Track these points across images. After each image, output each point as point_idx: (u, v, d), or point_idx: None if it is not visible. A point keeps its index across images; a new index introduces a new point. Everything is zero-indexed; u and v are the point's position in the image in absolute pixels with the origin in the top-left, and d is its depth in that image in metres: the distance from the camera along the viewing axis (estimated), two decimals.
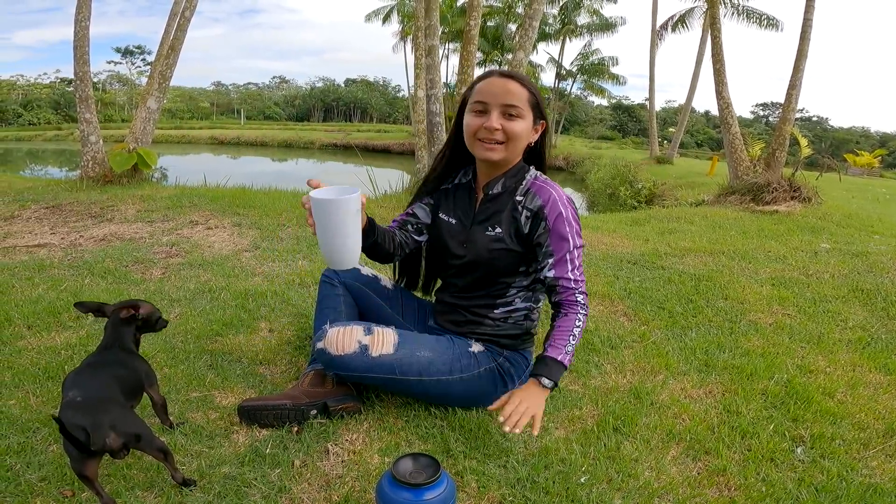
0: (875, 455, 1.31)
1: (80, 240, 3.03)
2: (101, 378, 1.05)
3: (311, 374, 1.43)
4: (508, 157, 1.37)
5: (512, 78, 1.33)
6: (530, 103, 1.33)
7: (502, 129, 1.31)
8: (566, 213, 1.34)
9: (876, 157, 20.54)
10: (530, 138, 1.38)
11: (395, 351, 1.33)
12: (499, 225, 1.39)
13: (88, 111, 5.15)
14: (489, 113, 1.31)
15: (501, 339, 1.45)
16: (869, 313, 2.28)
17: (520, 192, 1.39)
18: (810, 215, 4.34)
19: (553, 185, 1.39)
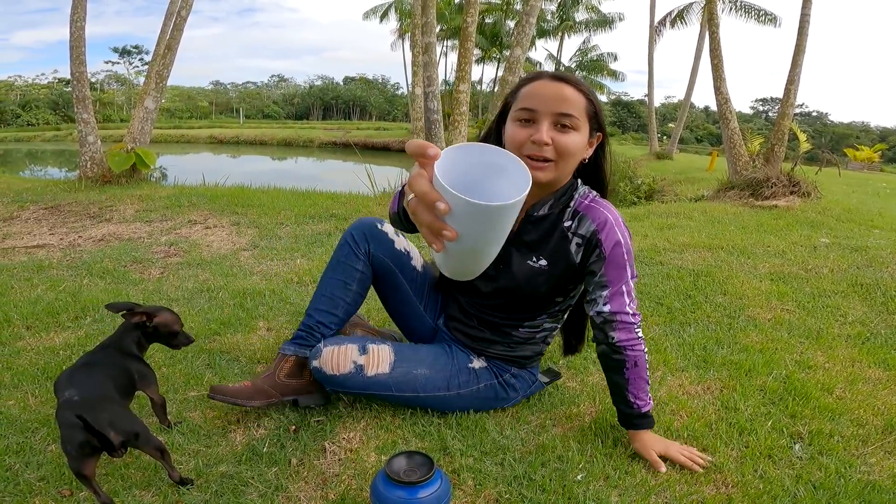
0: (874, 452, 1.30)
1: (78, 240, 3.03)
2: (95, 377, 1.05)
3: (291, 361, 1.38)
4: (559, 178, 1.18)
5: (566, 82, 1.14)
6: (588, 112, 1.15)
7: (553, 144, 1.12)
8: (624, 238, 1.20)
9: (876, 152, 20.53)
10: (585, 154, 1.20)
11: (392, 370, 1.30)
12: (544, 255, 1.25)
13: (86, 111, 5.15)
14: (538, 123, 1.12)
15: (511, 358, 1.39)
16: (868, 308, 2.28)
17: (567, 216, 1.23)
18: (809, 210, 4.34)
19: (606, 205, 1.23)
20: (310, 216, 3.59)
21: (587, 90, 1.16)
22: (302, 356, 1.39)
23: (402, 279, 1.45)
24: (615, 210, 1.24)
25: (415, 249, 1.49)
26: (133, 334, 1.20)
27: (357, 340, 1.34)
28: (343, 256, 1.42)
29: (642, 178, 9.63)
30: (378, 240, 1.42)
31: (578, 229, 1.22)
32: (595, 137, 1.21)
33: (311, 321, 1.41)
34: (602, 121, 1.20)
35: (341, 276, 1.41)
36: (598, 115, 1.18)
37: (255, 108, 57.68)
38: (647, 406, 1.26)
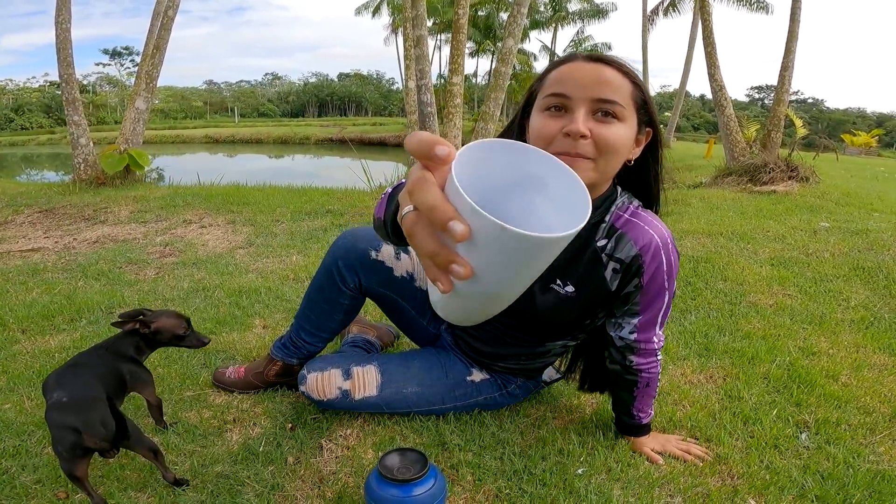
0: (882, 440, 1.28)
1: (73, 243, 3.00)
2: (83, 377, 1.03)
3: (279, 365, 1.41)
4: (599, 181, 0.96)
5: (607, 63, 0.92)
6: (635, 101, 0.92)
7: (592, 137, 0.89)
8: (667, 265, 1.01)
9: (873, 137, 20.48)
10: (631, 153, 0.97)
11: (380, 392, 1.27)
12: (572, 281, 1.06)
13: (76, 113, 5.12)
14: (572, 112, 0.89)
15: (521, 372, 1.32)
16: (871, 292, 2.26)
17: (601, 233, 1.02)
18: (808, 195, 4.31)
19: (651, 221, 1.01)
20: (306, 213, 3.57)
21: (634, 74, 0.94)
22: (289, 363, 1.40)
23: (404, 303, 1.33)
24: (663, 226, 1.02)
25: (419, 267, 1.30)
26: (131, 339, 1.17)
27: (341, 362, 1.30)
28: (326, 287, 1.28)
29: None
30: (371, 270, 1.25)
31: (616, 251, 1.02)
32: (644, 134, 0.98)
33: (298, 338, 1.38)
34: (653, 113, 0.97)
35: (326, 306, 1.31)
36: (648, 106, 0.95)
37: (250, 106, 57.51)
38: (647, 418, 1.22)
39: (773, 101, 6.05)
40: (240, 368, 1.46)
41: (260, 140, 29.52)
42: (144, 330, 1.17)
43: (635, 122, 0.94)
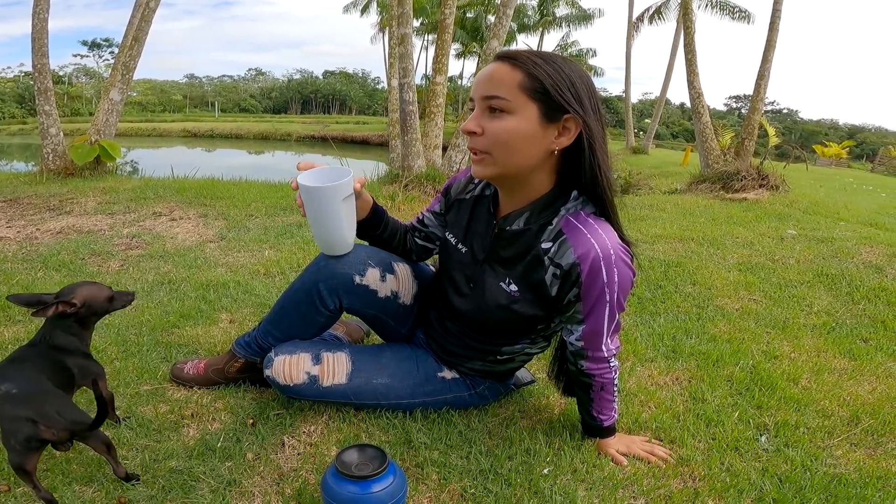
0: (839, 444, 1.30)
1: (36, 233, 2.91)
2: (27, 371, 0.99)
3: (241, 362, 1.37)
4: (507, 173, 0.98)
5: (502, 59, 0.94)
6: (528, 89, 0.92)
7: (483, 133, 0.95)
8: (607, 278, 0.98)
9: (844, 149, 21.09)
10: (548, 144, 0.96)
11: (349, 381, 1.24)
12: (514, 280, 1.08)
13: (48, 103, 4.99)
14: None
15: (491, 375, 1.32)
16: (833, 298, 2.31)
17: (547, 237, 1.02)
18: (778, 203, 4.41)
19: (597, 231, 0.98)
20: (281, 208, 3.52)
21: (531, 63, 0.92)
22: (251, 361, 1.37)
23: (385, 318, 1.30)
24: (611, 236, 0.99)
25: (406, 283, 1.27)
26: (62, 325, 1.10)
27: (311, 347, 1.27)
28: (304, 304, 1.24)
29: (619, 173, 9.73)
30: (355, 295, 1.22)
31: (557, 256, 1.01)
32: (566, 121, 0.95)
33: (265, 341, 1.33)
34: (567, 99, 0.92)
35: (300, 321, 1.27)
36: (556, 93, 0.92)
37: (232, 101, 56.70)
38: (609, 421, 1.23)
39: (748, 109, 6.18)
40: (199, 363, 1.42)
41: (240, 135, 29.09)
42: (71, 309, 1.08)
43: (535, 112, 0.93)
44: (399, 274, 1.27)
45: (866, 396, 1.53)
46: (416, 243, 1.34)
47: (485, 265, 1.12)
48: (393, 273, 1.25)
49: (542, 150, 0.96)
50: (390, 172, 5.28)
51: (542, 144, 0.96)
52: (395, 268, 1.26)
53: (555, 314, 1.12)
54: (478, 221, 1.16)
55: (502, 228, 1.09)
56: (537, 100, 0.92)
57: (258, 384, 1.41)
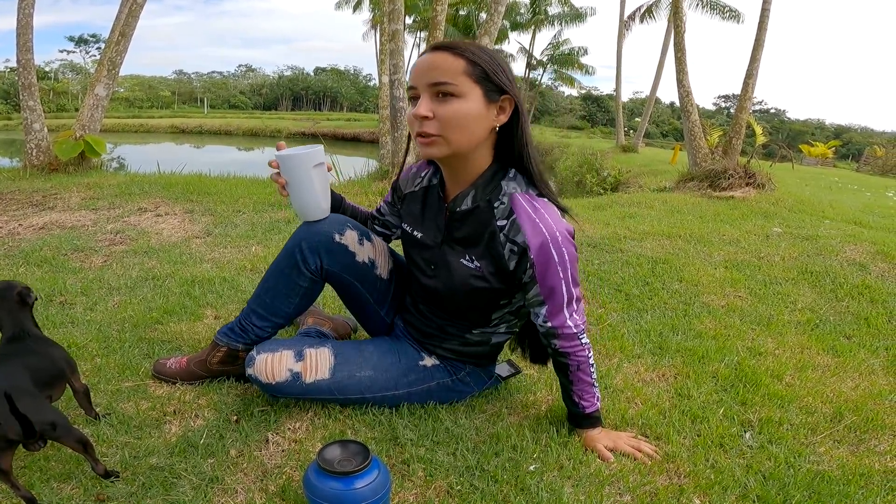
0: (822, 441, 1.31)
1: (18, 228, 2.86)
2: (7, 369, 0.97)
3: (223, 351, 1.36)
4: (458, 153, 1.08)
5: (440, 48, 1.04)
6: (472, 75, 1.02)
7: (434, 116, 1.03)
8: (558, 258, 1.08)
9: (830, 149, 21.32)
10: (489, 121, 1.07)
11: (332, 375, 1.24)
12: (476, 256, 1.15)
13: (32, 99, 4.92)
14: (419, 99, 1.05)
15: (466, 358, 1.33)
16: (817, 295, 2.34)
17: (500, 215, 1.11)
18: (764, 201, 4.45)
19: (542, 215, 1.08)
20: (269, 203, 3.49)
21: (468, 51, 1.03)
22: (234, 348, 1.35)
23: (362, 289, 1.34)
24: (556, 218, 1.09)
25: (381, 256, 1.35)
26: (28, 315, 1.10)
27: (294, 344, 1.27)
28: (287, 268, 1.28)
29: (608, 171, 9.78)
30: (334, 254, 1.27)
31: (511, 234, 1.10)
32: (503, 101, 1.06)
33: (248, 322, 1.34)
34: (502, 81, 1.04)
35: (283, 289, 1.30)
36: (494, 76, 1.03)
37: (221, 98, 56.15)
38: (591, 408, 1.24)
39: (736, 108, 6.22)
40: (182, 359, 1.41)
41: (229, 132, 28.82)
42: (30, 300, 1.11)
43: (480, 95, 1.04)
44: (376, 243, 1.35)
45: (849, 393, 1.54)
46: (375, 229, 1.44)
47: (443, 246, 1.20)
48: (370, 241, 1.33)
49: (486, 127, 1.07)
50: (380, 169, 5.26)
51: (486, 122, 1.06)
52: (372, 237, 1.35)
53: (515, 290, 1.19)
54: (430, 209, 1.24)
55: (453, 210, 1.17)
56: (479, 83, 1.03)
57: (242, 380, 1.39)
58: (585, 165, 11.32)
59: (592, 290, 2.23)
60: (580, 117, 46.91)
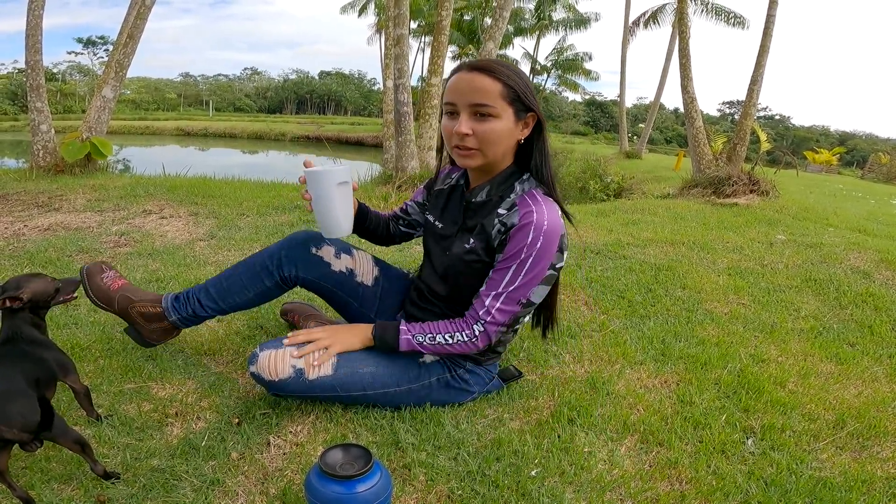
0: (825, 447, 1.31)
1: (23, 229, 2.88)
2: (3, 369, 0.97)
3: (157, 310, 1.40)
4: (491, 162, 1.21)
5: (480, 70, 1.15)
6: (507, 97, 1.15)
7: (474, 133, 1.16)
8: (530, 241, 1.15)
9: (835, 155, 21.26)
10: (517, 136, 1.21)
11: (335, 371, 1.25)
12: (473, 237, 1.26)
13: (40, 100, 4.95)
14: (459, 115, 1.17)
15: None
16: (821, 303, 2.33)
17: (504, 205, 1.23)
18: (768, 208, 4.44)
19: (545, 205, 1.18)
20: (273, 207, 3.50)
21: (504, 75, 1.15)
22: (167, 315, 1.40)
23: (344, 295, 1.45)
24: (555, 215, 1.18)
25: (363, 265, 1.47)
26: (24, 318, 1.09)
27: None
28: (259, 266, 1.40)
29: (612, 176, 9.77)
30: (309, 265, 1.39)
31: (506, 217, 1.21)
32: (528, 117, 1.20)
33: (194, 296, 1.40)
34: (530, 101, 1.18)
35: (246, 281, 1.40)
36: (524, 97, 1.17)
37: (226, 101, 56.37)
38: (408, 332, 1.27)
39: (740, 114, 6.22)
40: (119, 279, 1.42)
41: (234, 135, 28.94)
42: (16, 304, 1.07)
43: (511, 114, 1.16)
44: (356, 256, 1.46)
45: (852, 400, 1.54)
46: (399, 229, 1.56)
47: (455, 234, 1.30)
48: (349, 254, 1.45)
49: (513, 141, 1.21)
50: (384, 173, 5.27)
51: (514, 137, 1.20)
52: (352, 251, 1.46)
53: None
54: (452, 203, 1.37)
55: (469, 201, 1.29)
56: (512, 104, 1.16)
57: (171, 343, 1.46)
58: (589, 171, 11.32)
59: (595, 297, 2.23)
60: (584, 123, 46.93)
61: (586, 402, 1.43)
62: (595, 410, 1.40)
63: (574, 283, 2.34)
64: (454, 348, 1.25)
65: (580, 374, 1.61)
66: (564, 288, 2.29)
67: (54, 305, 1.17)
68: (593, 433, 1.31)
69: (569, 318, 1.99)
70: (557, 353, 1.72)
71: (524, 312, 1.23)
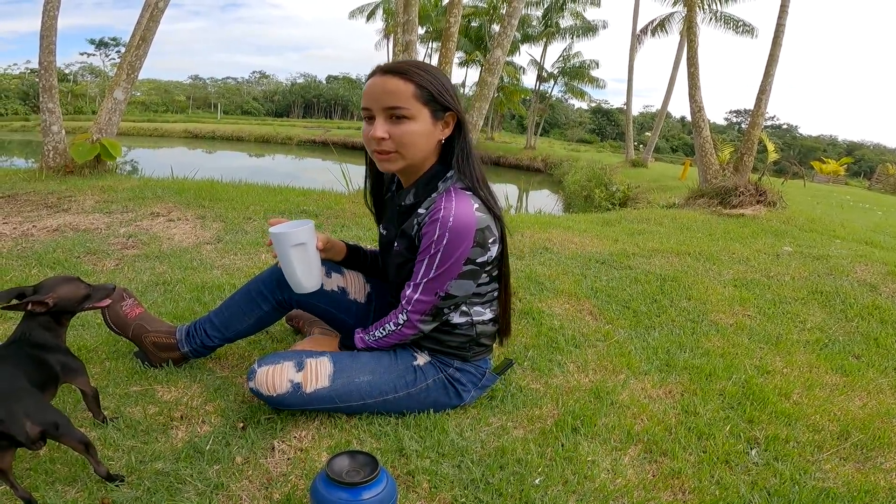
0: (829, 458, 1.31)
1: (32, 230, 2.90)
2: (5, 369, 0.98)
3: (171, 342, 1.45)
4: (412, 164, 1.21)
5: (392, 73, 1.15)
6: (421, 98, 1.15)
7: (390, 137, 1.16)
8: (439, 235, 1.15)
9: (842, 166, 21.17)
10: (437, 136, 1.20)
11: (332, 383, 1.26)
12: (399, 239, 1.28)
13: (52, 101, 4.99)
14: (375, 120, 1.17)
15: (449, 350, 1.36)
16: (827, 315, 2.32)
17: (425, 204, 1.23)
18: (775, 219, 4.43)
19: (451, 201, 1.16)
20: (280, 211, 3.52)
21: (417, 76, 1.15)
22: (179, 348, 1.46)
23: (337, 313, 1.47)
24: (468, 209, 1.16)
25: (355, 283, 1.49)
26: (39, 321, 1.09)
27: (294, 356, 1.29)
28: (255, 292, 1.44)
29: (617, 185, 9.77)
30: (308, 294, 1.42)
31: (424, 216, 1.22)
32: (448, 117, 1.20)
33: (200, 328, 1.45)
34: (447, 100, 1.18)
35: (245, 307, 1.44)
36: (439, 97, 1.17)
37: (234, 104, 56.70)
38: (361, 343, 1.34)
39: (748, 124, 6.21)
40: (137, 307, 1.48)
41: (241, 137, 29.09)
42: (41, 309, 1.08)
43: (428, 114, 1.17)
44: (347, 275, 1.49)
45: (857, 412, 1.53)
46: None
47: (396, 238, 1.30)
48: (340, 273, 1.47)
49: (433, 142, 1.21)
50: None
51: (433, 138, 1.20)
52: (343, 270, 1.48)
53: None
54: (391, 209, 1.37)
55: (399, 204, 1.30)
56: (427, 105, 1.16)
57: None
58: (594, 180, 11.32)
59: (600, 307, 2.22)
60: (590, 131, 46.93)
61: (590, 412, 1.43)
62: (599, 420, 1.40)
63: (579, 293, 2.34)
64: (390, 338, 1.30)
65: (584, 383, 1.60)
66: (569, 297, 2.29)
67: (81, 311, 1.18)
68: (597, 442, 1.31)
69: (573, 328, 1.99)
70: (561, 363, 1.72)
71: (445, 304, 1.24)
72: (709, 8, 15.87)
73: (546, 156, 20.84)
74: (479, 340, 1.37)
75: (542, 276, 2.51)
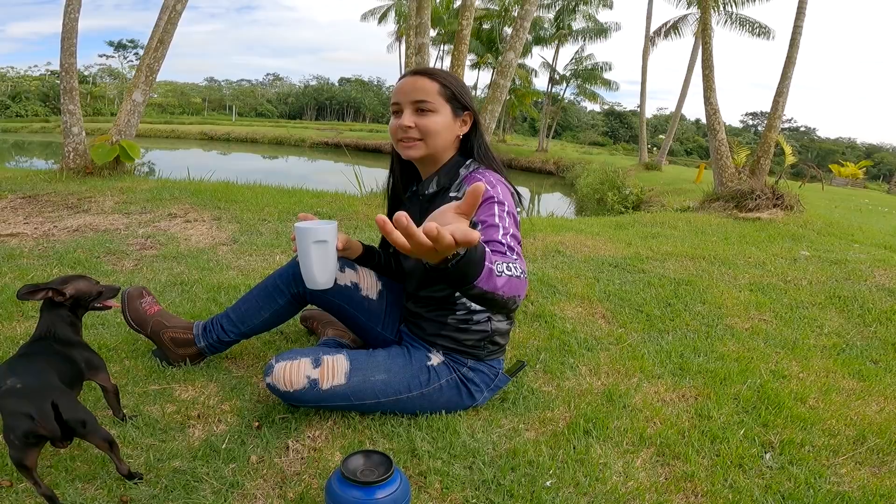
0: (844, 462, 1.29)
1: (53, 230, 2.96)
2: (37, 366, 1.01)
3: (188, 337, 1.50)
4: (433, 153, 1.33)
5: (420, 74, 1.32)
6: (444, 96, 1.30)
7: (416, 126, 1.29)
8: (491, 185, 1.21)
9: (861, 169, 20.81)
10: (456, 131, 1.34)
11: (348, 380, 1.28)
12: None
13: (72, 103, 5.08)
14: (402, 113, 1.31)
15: (464, 348, 1.38)
16: (845, 320, 2.29)
17: (454, 188, 1.33)
18: (791, 223, 4.37)
19: (488, 174, 1.29)
20: (293, 213, 3.56)
21: (441, 77, 1.31)
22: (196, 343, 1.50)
23: (352, 310, 1.50)
24: (501, 178, 1.29)
25: (367, 279, 1.51)
26: (62, 316, 1.13)
27: (311, 352, 1.31)
28: (272, 286, 1.49)
29: (631, 188, 9.70)
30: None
31: (460, 194, 1.29)
32: (466, 115, 1.34)
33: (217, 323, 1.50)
34: (465, 100, 1.33)
35: (261, 301, 1.49)
36: (459, 97, 1.31)
37: (249, 106, 57.31)
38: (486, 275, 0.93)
39: (765, 126, 6.13)
40: (155, 304, 1.54)
41: (255, 139, 29.41)
42: (60, 298, 1.13)
43: (449, 110, 1.31)
44: (360, 271, 1.52)
45: (874, 416, 1.51)
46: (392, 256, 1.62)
47: None
48: (354, 269, 1.50)
49: (453, 135, 1.33)
50: None
51: (452, 132, 1.33)
52: (355, 266, 1.52)
53: None
54: (412, 206, 1.43)
55: (422, 194, 1.38)
56: (449, 102, 1.31)
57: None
58: (607, 183, 11.24)
59: (613, 310, 2.22)
60: (602, 133, 46.70)
61: (602, 415, 1.42)
62: (611, 423, 1.40)
63: (592, 296, 2.33)
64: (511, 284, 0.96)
65: (597, 386, 1.60)
66: (582, 300, 2.28)
67: (92, 309, 1.21)
68: (609, 445, 1.31)
69: (585, 331, 1.99)
70: (574, 366, 1.71)
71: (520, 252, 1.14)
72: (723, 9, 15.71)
73: (558, 158, 20.77)
74: (493, 338, 1.39)
75: (555, 279, 2.51)
